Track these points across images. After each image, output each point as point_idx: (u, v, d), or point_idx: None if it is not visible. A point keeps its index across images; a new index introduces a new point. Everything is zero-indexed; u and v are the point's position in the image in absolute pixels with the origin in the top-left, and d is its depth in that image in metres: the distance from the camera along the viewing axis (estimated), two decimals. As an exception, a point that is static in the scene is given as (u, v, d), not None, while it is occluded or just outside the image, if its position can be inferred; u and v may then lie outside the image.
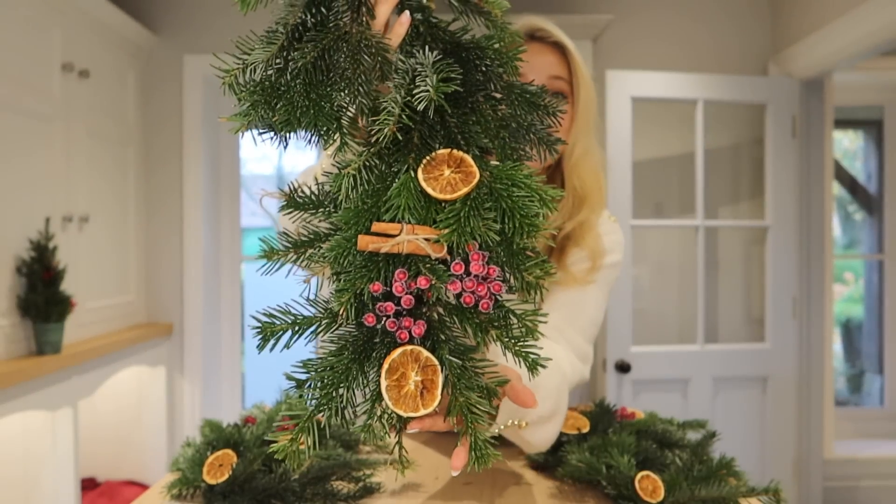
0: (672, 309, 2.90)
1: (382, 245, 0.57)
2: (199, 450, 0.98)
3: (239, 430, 0.99)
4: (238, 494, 0.87)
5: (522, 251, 0.60)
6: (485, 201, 0.58)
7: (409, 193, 0.57)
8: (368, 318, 0.58)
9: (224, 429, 0.99)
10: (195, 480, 0.89)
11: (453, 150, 0.60)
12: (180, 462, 0.94)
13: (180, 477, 0.91)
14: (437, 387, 0.57)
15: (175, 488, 0.90)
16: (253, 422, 1.05)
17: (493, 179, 0.59)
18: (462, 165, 0.59)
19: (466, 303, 0.58)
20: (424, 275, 0.57)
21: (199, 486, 0.89)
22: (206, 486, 0.88)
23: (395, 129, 0.58)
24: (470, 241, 0.57)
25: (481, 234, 0.56)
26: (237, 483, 0.87)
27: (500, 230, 0.58)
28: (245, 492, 0.87)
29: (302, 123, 0.62)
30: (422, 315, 0.59)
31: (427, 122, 0.61)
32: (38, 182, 2.10)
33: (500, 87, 0.65)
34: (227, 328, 3.08)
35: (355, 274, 0.58)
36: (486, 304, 0.59)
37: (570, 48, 1.08)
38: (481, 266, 0.58)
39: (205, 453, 0.95)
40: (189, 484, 0.90)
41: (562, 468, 0.96)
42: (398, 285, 0.58)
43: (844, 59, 2.40)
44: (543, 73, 1.06)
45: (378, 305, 0.58)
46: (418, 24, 0.66)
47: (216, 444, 0.96)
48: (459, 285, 0.58)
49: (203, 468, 0.90)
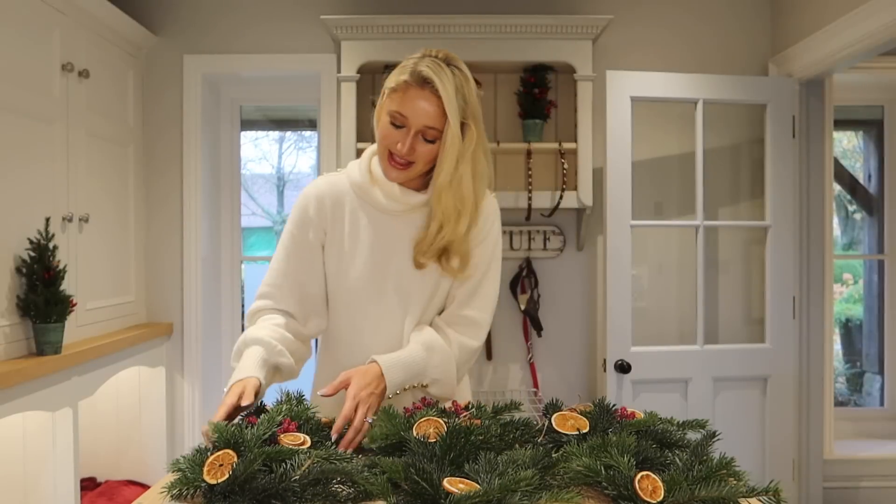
0: (672, 309, 2.90)
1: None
2: (199, 449, 0.98)
3: (241, 430, 0.99)
4: (238, 494, 0.87)
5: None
6: None
7: None
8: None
9: (226, 428, 0.99)
10: (195, 480, 0.89)
11: None
12: (181, 462, 0.94)
13: (181, 477, 0.91)
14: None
15: (176, 488, 0.90)
16: (254, 421, 1.05)
17: None
18: None
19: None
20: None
21: (199, 485, 0.89)
22: (207, 486, 0.88)
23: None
24: None
25: None
26: (237, 483, 0.87)
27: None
28: (245, 492, 0.87)
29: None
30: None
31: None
32: (38, 182, 2.10)
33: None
34: (227, 328, 3.08)
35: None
36: None
37: (446, 108, 1.24)
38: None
39: (205, 453, 0.95)
40: (189, 484, 0.89)
41: (562, 468, 0.96)
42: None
43: (844, 59, 2.40)
44: (420, 120, 1.25)
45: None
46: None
47: (217, 443, 0.96)
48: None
49: (203, 468, 0.90)
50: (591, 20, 2.56)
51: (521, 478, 0.86)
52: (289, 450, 0.96)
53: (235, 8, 2.84)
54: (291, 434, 1.04)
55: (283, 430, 1.04)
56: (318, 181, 1.42)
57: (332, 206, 1.39)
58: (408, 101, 1.25)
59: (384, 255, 1.37)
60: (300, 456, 0.93)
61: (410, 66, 1.26)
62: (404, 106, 1.25)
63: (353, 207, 1.38)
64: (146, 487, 2.71)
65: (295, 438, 1.03)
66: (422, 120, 1.25)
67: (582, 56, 2.59)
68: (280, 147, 4.36)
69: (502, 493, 0.83)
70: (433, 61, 1.26)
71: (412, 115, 1.25)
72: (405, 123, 1.26)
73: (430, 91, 1.24)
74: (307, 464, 0.90)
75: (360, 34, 2.59)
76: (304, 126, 3.64)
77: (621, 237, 2.54)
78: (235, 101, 3.07)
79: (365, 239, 1.37)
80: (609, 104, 2.53)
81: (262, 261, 3.68)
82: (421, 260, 1.35)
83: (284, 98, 3.11)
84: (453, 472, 0.92)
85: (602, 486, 0.90)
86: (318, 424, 1.15)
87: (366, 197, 1.37)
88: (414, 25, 2.57)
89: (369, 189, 1.36)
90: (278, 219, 4.40)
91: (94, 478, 2.76)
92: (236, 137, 3.09)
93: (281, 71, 2.87)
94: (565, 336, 2.89)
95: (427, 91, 1.24)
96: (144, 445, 2.78)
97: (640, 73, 2.57)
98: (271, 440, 1.00)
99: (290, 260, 1.39)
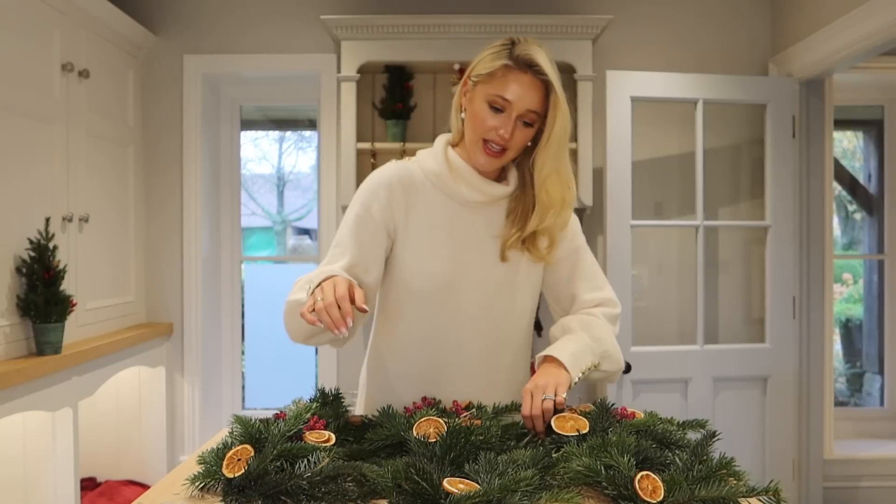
0: (672, 309, 2.90)
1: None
2: (225, 444, 1.00)
3: (266, 426, 1.00)
4: (252, 489, 0.88)
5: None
6: None
7: None
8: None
9: (251, 424, 1.00)
10: (217, 473, 0.92)
11: None
12: (206, 455, 0.96)
13: (205, 469, 0.93)
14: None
15: (199, 480, 0.92)
16: (284, 417, 1.06)
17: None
18: None
19: None
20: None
21: (219, 478, 0.91)
22: (225, 480, 0.90)
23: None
24: None
25: None
26: (251, 478, 0.89)
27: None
28: (257, 487, 0.88)
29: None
30: None
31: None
32: (39, 182, 2.10)
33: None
34: (227, 328, 3.08)
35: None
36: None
37: (555, 88, 1.23)
38: None
39: (229, 447, 0.97)
40: (211, 476, 0.92)
41: (562, 468, 0.96)
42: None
43: (844, 59, 2.40)
44: (523, 104, 1.23)
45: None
46: None
47: (241, 438, 0.98)
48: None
49: (223, 462, 0.92)
50: (591, 20, 2.56)
51: (522, 478, 0.86)
52: (308, 447, 0.96)
53: (235, 8, 2.84)
54: (317, 432, 1.04)
55: (309, 428, 1.04)
56: (389, 166, 1.34)
57: (405, 193, 1.31)
58: (511, 85, 1.22)
59: (465, 249, 1.31)
60: (319, 453, 0.93)
61: (505, 52, 1.23)
62: (507, 89, 1.22)
63: (429, 198, 1.31)
64: (146, 487, 2.71)
65: (320, 436, 1.03)
66: (525, 103, 1.22)
67: (582, 56, 2.59)
68: (280, 147, 4.36)
69: (502, 493, 0.83)
70: (529, 44, 1.23)
71: (516, 98, 1.22)
72: (506, 107, 1.23)
73: (532, 74, 1.22)
74: (324, 461, 0.91)
75: (360, 34, 2.59)
76: (304, 126, 3.64)
77: (621, 237, 2.54)
78: (235, 101, 3.07)
79: (443, 232, 1.31)
80: (609, 104, 2.53)
81: (262, 261, 3.68)
82: (507, 252, 1.32)
83: (284, 98, 3.11)
84: (453, 473, 0.92)
85: (602, 486, 0.90)
86: (347, 423, 1.15)
87: (445, 188, 1.31)
88: (414, 25, 2.57)
89: (449, 179, 1.30)
90: (278, 219, 4.40)
91: (94, 478, 2.76)
92: (236, 137, 3.09)
93: (281, 71, 2.87)
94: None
95: (530, 74, 1.22)
96: (144, 445, 2.78)
97: (640, 73, 2.57)
98: (297, 437, 1.00)
99: (355, 240, 1.30)
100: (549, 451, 1.01)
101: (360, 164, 2.66)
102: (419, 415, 1.12)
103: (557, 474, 0.95)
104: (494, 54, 1.24)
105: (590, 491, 0.93)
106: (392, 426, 1.09)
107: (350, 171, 2.60)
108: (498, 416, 1.21)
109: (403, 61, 2.67)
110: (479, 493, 0.82)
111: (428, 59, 2.62)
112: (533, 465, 0.94)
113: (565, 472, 0.94)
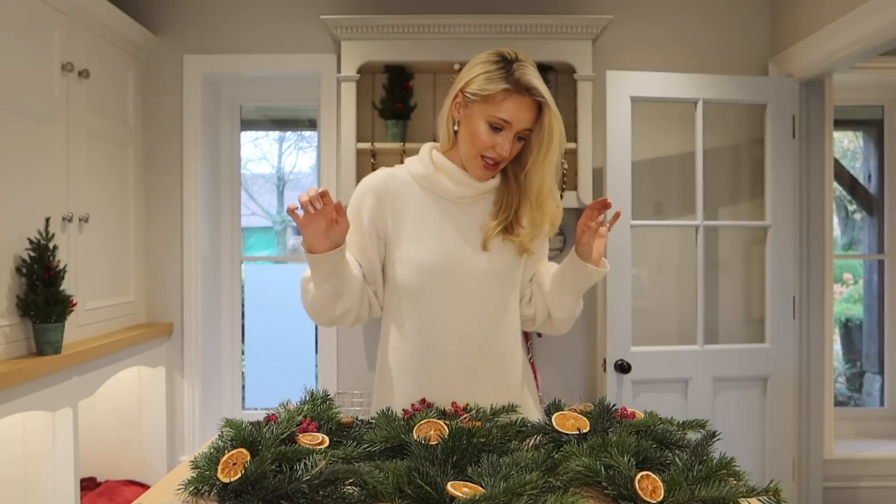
0: (672, 309, 2.90)
1: None
2: (217, 448, 0.99)
3: (259, 429, 0.99)
4: (249, 494, 0.87)
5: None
6: None
7: None
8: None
9: (243, 427, 1.00)
10: (211, 478, 0.90)
11: None
12: (198, 460, 0.95)
13: (198, 474, 0.92)
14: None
15: (192, 485, 0.91)
16: (275, 420, 1.05)
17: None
18: None
19: None
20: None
21: (214, 483, 0.90)
22: (221, 485, 0.89)
23: None
24: None
25: None
26: (249, 482, 0.88)
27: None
28: (256, 491, 0.87)
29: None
30: None
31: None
32: (38, 182, 2.10)
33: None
34: (227, 328, 3.08)
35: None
36: None
37: (551, 108, 1.33)
38: None
39: (223, 451, 0.95)
40: (205, 481, 0.90)
41: (562, 468, 0.95)
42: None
43: (844, 59, 2.40)
44: (522, 124, 1.34)
45: None
46: None
47: (234, 442, 0.97)
48: None
49: (218, 466, 0.91)
50: (590, 20, 2.56)
51: (527, 481, 0.85)
52: (304, 450, 0.95)
53: (235, 8, 2.83)
54: (310, 434, 1.04)
55: (302, 430, 1.04)
56: (377, 173, 1.45)
57: (393, 197, 1.41)
58: (512, 108, 1.32)
59: (455, 242, 1.39)
60: (315, 456, 0.93)
61: (501, 74, 1.31)
62: (508, 113, 1.32)
63: (417, 199, 1.41)
64: (146, 487, 2.71)
65: (313, 439, 1.02)
66: (523, 123, 1.34)
67: (582, 56, 2.59)
68: (280, 147, 4.36)
69: (507, 496, 0.83)
70: (524, 66, 1.32)
71: (516, 120, 1.32)
72: (505, 127, 1.33)
73: (529, 97, 1.32)
74: (321, 464, 0.90)
75: (360, 34, 2.59)
76: (304, 126, 3.63)
77: (621, 237, 2.54)
78: (235, 101, 3.07)
79: (433, 227, 1.39)
80: (609, 104, 2.53)
81: (262, 261, 3.68)
82: (491, 242, 1.40)
83: (284, 98, 3.11)
84: (456, 476, 0.92)
85: (602, 486, 0.90)
86: (339, 425, 1.15)
87: (432, 186, 1.41)
88: (414, 25, 2.57)
89: (436, 178, 1.40)
90: (278, 219, 4.40)
91: (94, 478, 2.76)
92: (236, 137, 3.09)
93: (281, 71, 2.87)
94: (565, 336, 2.88)
95: (527, 97, 1.32)
96: (144, 445, 2.78)
97: (640, 73, 2.57)
98: (290, 440, 1.00)
99: (352, 241, 1.39)
100: (550, 452, 1.01)
101: (360, 165, 2.66)
102: (419, 417, 1.11)
103: (560, 476, 0.95)
104: (489, 75, 1.33)
105: (590, 491, 0.93)
106: (391, 428, 1.08)
107: (350, 172, 2.60)
108: (496, 416, 1.20)
109: (403, 61, 2.67)
110: (485, 497, 0.82)
111: (428, 59, 2.62)
112: (536, 468, 0.93)
113: (565, 471, 0.93)
